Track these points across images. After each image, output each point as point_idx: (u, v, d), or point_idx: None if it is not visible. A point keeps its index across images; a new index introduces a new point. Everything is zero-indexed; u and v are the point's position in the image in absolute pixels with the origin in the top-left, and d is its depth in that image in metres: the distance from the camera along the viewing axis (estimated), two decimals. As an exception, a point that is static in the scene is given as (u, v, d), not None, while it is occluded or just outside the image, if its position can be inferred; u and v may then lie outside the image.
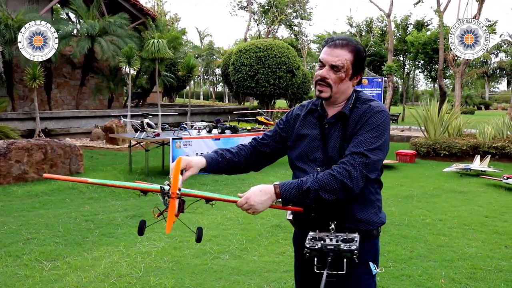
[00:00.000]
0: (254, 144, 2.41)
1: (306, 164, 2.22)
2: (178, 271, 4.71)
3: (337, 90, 2.16)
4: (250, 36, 41.41)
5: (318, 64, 2.19)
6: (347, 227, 2.10)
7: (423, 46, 31.75)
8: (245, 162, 2.37)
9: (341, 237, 2.01)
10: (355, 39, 2.30)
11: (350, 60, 2.14)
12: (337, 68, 2.12)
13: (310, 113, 2.29)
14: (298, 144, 2.28)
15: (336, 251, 1.94)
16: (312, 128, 2.25)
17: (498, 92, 72.25)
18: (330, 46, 2.16)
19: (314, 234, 2.05)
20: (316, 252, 1.95)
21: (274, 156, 2.44)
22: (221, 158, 2.30)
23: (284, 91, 22.26)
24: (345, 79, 2.16)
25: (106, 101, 21.95)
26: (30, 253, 5.15)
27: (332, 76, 2.13)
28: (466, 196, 8.51)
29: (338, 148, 2.14)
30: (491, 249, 5.50)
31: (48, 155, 9.43)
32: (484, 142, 12.91)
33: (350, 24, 43.06)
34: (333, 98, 2.18)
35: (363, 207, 2.19)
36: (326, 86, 2.15)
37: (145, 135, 10.42)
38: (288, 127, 2.36)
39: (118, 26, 18.93)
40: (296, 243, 2.44)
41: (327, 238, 2.00)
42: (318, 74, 2.16)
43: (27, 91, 18.79)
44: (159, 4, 44.99)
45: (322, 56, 2.16)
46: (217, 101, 53.78)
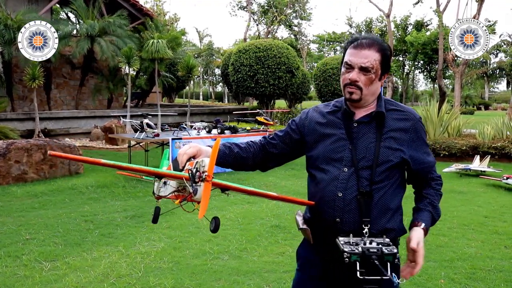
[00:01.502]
0: (263, 143, 2.32)
1: (329, 165, 2.12)
2: (178, 272, 4.71)
3: (367, 92, 2.09)
4: (249, 36, 41.41)
5: (345, 67, 2.10)
6: (375, 232, 2.03)
7: (422, 46, 31.82)
8: (253, 159, 2.28)
9: (377, 241, 1.93)
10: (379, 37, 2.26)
11: (378, 60, 2.07)
12: (367, 70, 2.05)
13: (332, 114, 2.22)
14: (320, 144, 2.18)
15: (379, 255, 1.85)
16: (336, 127, 2.16)
17: (497, 92, 72.27)
18: (356, 47, 2.08)
19: (346, 238, 1.95)
20: (357, 257, 1.85)
21: (281, 158, 2.35)
22: (229, 151, 2.22)
23: (283, 91, 22.25)
24: (375, 80, 2.09)
25: (105, 101, 21.95)
26: (29, 253, 5.15)
27: (362, 78, 2.07)
28: (465, 196, 8.51)
29: (373, 148, 2.07)
30: (491, 249, 5.50)
31: (47, 156, 9.42)
32: (484, 142, 12.91)
33: (350, 24, 43.13)
34: (363, 100, 2.11)
35: (388, 215, 2.11)
36: (357, 88, 2.08)
37: (144, 136, 10.41)
38: (302, 129, 2.27)
39: (117, 26, 18.93)
40: (303, 256, 2.32)
41: (363, 242, 1.91)
42: (348, 78, 2.08)
43: (27, 91, 18.80)
44: (158, 4, 45.01)
45: (349, 58, 2.08)
46: (216, 101, 53.78)
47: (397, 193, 2.15)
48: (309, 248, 2.25)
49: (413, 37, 31.92)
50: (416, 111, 2.19)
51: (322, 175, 2.13)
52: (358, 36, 2.13)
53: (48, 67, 17.70)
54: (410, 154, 2.12)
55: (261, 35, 39.46)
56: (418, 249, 2.03)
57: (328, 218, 2.08)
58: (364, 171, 2.05)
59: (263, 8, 40.28)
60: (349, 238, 1.95)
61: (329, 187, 2.08)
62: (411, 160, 2.13)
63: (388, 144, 2.09)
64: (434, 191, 2.26)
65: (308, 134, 2.24)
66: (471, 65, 44.67)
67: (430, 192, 2.25)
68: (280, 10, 38.18)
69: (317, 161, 2.17)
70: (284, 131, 2.33)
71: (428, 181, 2.25)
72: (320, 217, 2.12)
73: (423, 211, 2.20)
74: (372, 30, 42.26)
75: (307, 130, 2.25)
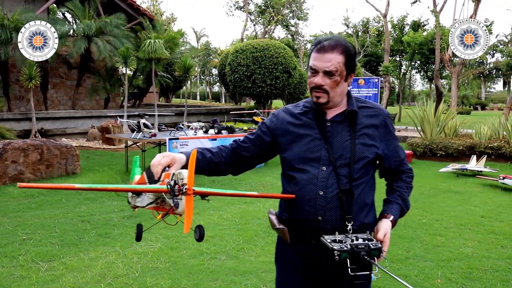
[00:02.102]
0: (234, 147, 2.28)
1: (307, 165, 2.12)
2: (175, 272, 4.70)
3: (334, 94, 2.11)
4: (246, 36, 41.37)
5: (310, 71, 2.11)
6: (356, 227, 2.06)
7: (419, 46, 31.81)
8: (225, 163, 2.23)
9: (362, 237, 1.96)
10: (342, 36, 2.27)
11: (342, 62, 2.07)
12: (331, 74, 2.06)
13: (303, 114, 2.22)
14: (295, 144, 2.18)
15: (368, 250, 1.88)
16: (310, 128, 2.17)
17: (494, 93, 72.42)
18: (319, 51, 2.08)
19: (332, 236, 1.96)
20: (346, 254, 1.87)
21: (252, 161, 2.33)
22: (202, 157, 2.15)
23: (280, 91, 22.25)
24: (341, 82, 2.10)
25: (102, 101, 21.91)
26: (26, 253, 5.14)
27: (327, 82, 2.08)
28: (462, 196, 8.53)
29: (349, 146, 2.10)
30: (487, 249, 5.51)
31: (44, 156, 9.41)
32: (480, 142, 12.94)
33: (347, 24, 43.14)
34: (331, 102, 2.13)
35: (366, 211, 2.15)
36: (323, 92, 2.09)
37: (141, 136, 10.40)
38: (274, 131, 2.26)
39: (114, 26, 18.90)
40: (284, 257, 2.30)
41: (350, 239, 1.94)
42: (313, 82, 2.10)
43: (23, 91, 18.73)
44: (155, 4, 44.96)
45: (313, 63, 2.09)
46: (213, 101, 53.75)
47: (372, 189, 2.22)
48: (288, 249, 2.25)
49: (410, 37, 31.91)
50: (413, 111, 2.22)
51: (300, 175, 2.13)
52: (321, 39, 2.13)
53: (44, 67, 17.65)
54: (383, 149, 2.19)
55: (258, 35, 39.44)
56: (385, 239, 2.05)
57: (309, 217, 2.09)
58: (343, 169, 2.08)
59: (260, 8, 40.24)
60: (335, 236, 1.97)
61: (309, 186, 2.09)
62: (384, 155, 2.20)
63: (362, 141, 2.13)
64: (404, 184, 2.31)
65: (280, 135, 2.24)
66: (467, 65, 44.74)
67: (400, 185, 2.30)
68: (277, 10, 38.16)
69: (293, 162, 2.17)
70: (255, 134, 2.32)
71: (399, 174, 2.31)
72: (300, 216, 2.12)
73: (392, 204, 2.23)
74: (369, 30, 42.28)
75: (279, 131, 2.24)
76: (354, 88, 14.09)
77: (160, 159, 1.94)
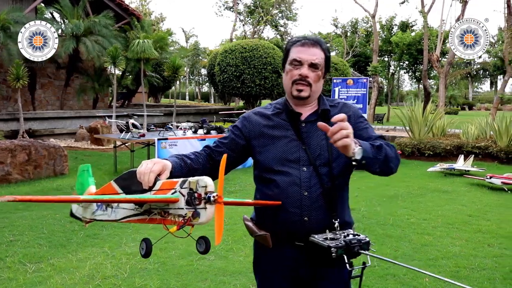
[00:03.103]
0: (208, 152, 2.20)
1: (286, 166, 2.08)
2: (164, 272, 4.70)
3: (315, 88, 2.12)
4: (236, 36, 41.37)
5: (293, 64, 2.10)
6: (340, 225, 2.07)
7: (407, 47, 32.03)
8: (203, 170, 2.12)
9: (349, 233, 1.98)
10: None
11: (324, 58, 2.12)
12: (316, 67, 2.08)
13: (276, 115, 2.19)
14: (270, 146, 2.14)
15: (360, 245, 1.90)
16: (285, 129, 2.14)
17: (481, 93, 73.05)
18: (304, 45, 2.10)
19: (323, 235, 1.96)
20: (342, 250, 1.86)
21: (228, 166, 2.16)
22: (183, 163, 2.06)
23: (269, 91, 22.27)
24: (321, 78, 2.13)
25: (91, 101, 21.79)
26: (13, 255, 5.10)
27: (311, 74, 2.09)
28: (450, 195, 8.59)
29: (325, 145, 2.08)
30: (475, 248, 5.56)
31: (32, 156, 9.34)
32: (468, 142, 13.05)
33: (336, 25, 43.29)
34: (311, 98, 2.13)
35: (345, 208, 2.18)
36: (307, 85, 2.09)
37: (130, 136, 10.37)
38: (248, 134, 2.20)
39: (103, 26, 18.80)
40: (265, 265, 2.24)
41: (343, 235, 1.94)
42: (298, 73, 2.09)
43: (11, 91, 18.56)
44: (143, 4, 44.80)
45: (298, 55, 2.09)
46: (202, 102, 53.68)
47: (348, 187, 2.23)
48: (269, 254, 2.20)
49: (398, 38, 32.12)
50: (401, 111, 2.22)
51: (281, 177, 2.09)
52: (301, 36, 2.16)
53: (32, 67, 17.51)
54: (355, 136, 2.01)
55: (247, 35, 39.45)
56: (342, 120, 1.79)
57: (295, 219, 2.06)
58: (323, 168, 2.07)
59: (249, 8, 40.27)
60: (325, 234, 1.97)
61: (293, 187, 2.06)
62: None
63: None
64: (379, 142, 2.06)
65: (254, 138, 2.19)
66: (455, 65, 45.09)
67: None
68: (266, 10, 38.21)
69: (271, 164, 2.12)
70: (228, 138, 2.25)
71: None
72: (285, 218, 2.08)
73: None
74: (358, 30, 42.46)
75: (253, 134, 2.19)
76: (343, 88, 14.13)
77: (152, 166, 1.83)
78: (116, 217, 1.88)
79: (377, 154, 1.94)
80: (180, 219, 1.69)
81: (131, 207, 1.82)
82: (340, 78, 14.94)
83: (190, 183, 1.68)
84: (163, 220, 1.76)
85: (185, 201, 1.67)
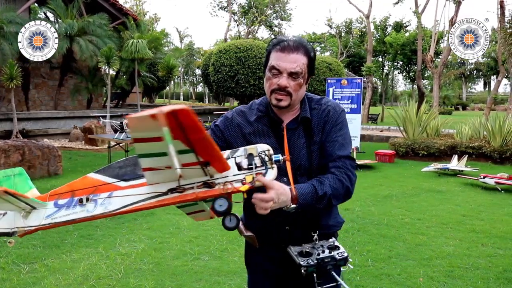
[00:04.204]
0: None
1: None
2: (158, 273, 4.69)
3: (296, 97, 2.01)
4: (230, 36, 41.36)
5: (272, 72, 1.99)
6: (321, 233, 2.04)
7: (401, 47, 32.16)
8: None
9: (327, 245, 1.95)
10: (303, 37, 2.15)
11: (306, 63, 1.98)
12: (296, 75, 1.96)
13: (258, 120, 2.10)
14: None
15: (334, 263, 1.87)
16: (266, 136, 2.06)
17: (475, 93, 73.40)
18: (283, 50, 1.96)
19: (298, 248, 1.94)
20: (313, 268, 1.85)
21: None
22: None
23: (264, 91, 22.26)
24: (303, 85, 2.01)
25: (85, 101, 21.73)
26: (7, 256, 5.07)
27: (291, 84, 1.96)
28: (444, 195, 8.62)
29: (306, 155, 2.02)
30: (468, 248, 5.58)
31: (26, 157, 9.30)
32: (462, 142, 13.11)
33: (330, 25, 43.33)
34: (291, 106, 2.04)
35: (331, 212, 2.13)
36: (286, 94, 1.98)
37: (124, 136, 10.35)
38: (229, 137, 2.12)
39: (97, 26, 18.75)
40: (254, 262, 2.28)
41: (316, 251, 1.92)
42: (277, 83, 1.97)
43: (4, 91, 18.44)
44: (138, 4, 44.70)
45: (277, 63, 1.96)
46: (197, 102, 53.63)
47: None
48: (257, 253, 2.21)
49: (392, 38, 32.24)
50: (395, 111, 2.16)
51: None
52: (283, 38, 2.01)
53: (26, 67, 17.45)
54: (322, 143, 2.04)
55: (242, 36, 39.45)
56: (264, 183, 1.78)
57: (278, 227, 2.06)
58: (303, 178, 2.02)
59: (243, 8, 40.26)
60: (301, 247, 1.95)
61: None
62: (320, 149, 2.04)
63: (317, 148, 2.05)
64: (335, 176, 1.98)
65: (236, 142, 2.08)
66: (449, 66, 45.24)
67: (332, 176, 1.98)
68: (261, 10, 38.21)
69: None
70: None
71: (330, 169, 2.02)
72: (268, 226, 2.08)
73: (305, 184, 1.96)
74: (352, 31, 42.53)
75: (234, 139, 2.11)
76: (337, 88, 14.13)
77: None
78: (108, 209, 1.80)
79: (316, 202, 1.90)
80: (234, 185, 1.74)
81: (144, 192, 1.76)
82: (334, 78, 14.95)
83: (246, 150, 1.78)
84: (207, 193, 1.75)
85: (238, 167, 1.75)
